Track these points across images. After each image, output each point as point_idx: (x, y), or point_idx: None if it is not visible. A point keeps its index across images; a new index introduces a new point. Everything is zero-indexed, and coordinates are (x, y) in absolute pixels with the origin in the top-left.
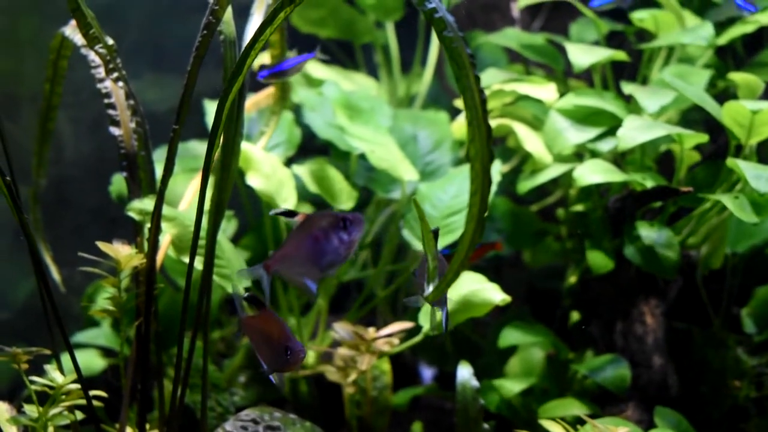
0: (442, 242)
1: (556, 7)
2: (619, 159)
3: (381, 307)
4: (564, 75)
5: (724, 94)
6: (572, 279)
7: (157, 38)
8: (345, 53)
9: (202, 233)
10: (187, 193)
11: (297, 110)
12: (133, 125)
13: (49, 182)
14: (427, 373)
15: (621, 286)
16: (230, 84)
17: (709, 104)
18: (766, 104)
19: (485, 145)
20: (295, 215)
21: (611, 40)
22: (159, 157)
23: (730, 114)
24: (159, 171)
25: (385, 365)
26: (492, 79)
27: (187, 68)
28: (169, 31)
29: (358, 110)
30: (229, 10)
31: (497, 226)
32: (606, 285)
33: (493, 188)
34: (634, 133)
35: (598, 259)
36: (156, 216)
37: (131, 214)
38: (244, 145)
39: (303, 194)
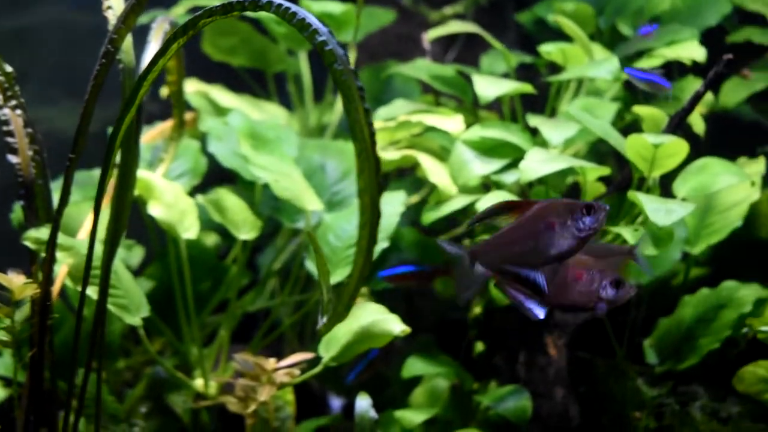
0: (342, 274)
1: (470, 39)
2: (526, 190)
3: (288, 336)
4: (474, 106)
5: (631, 126)
6: (477, 310)
7: (74, 65)
8: (258, 82)
9: (98, 263)
10: (86, 222)
11: (204, 139)
12: (30, 153)
13: None
14: (337, 403)
15: (525, 318)
16: (124, 112)
17: (613, 137)
18: (668, 138)
19: (374, 177)
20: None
21: (525, 72)
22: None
23: (633, 147)
24: None
25: (289, 396)
26: (399, 110)
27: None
28: (88, 57)
29: (264, 140)
30: (129, 38)
31: (404, 256)
32: (510, 316)
33: (396, 219)
34: (536, 165)
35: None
36: (50, 245)
37: (27, 243)
38: (147, 174)
39: (207, 223)
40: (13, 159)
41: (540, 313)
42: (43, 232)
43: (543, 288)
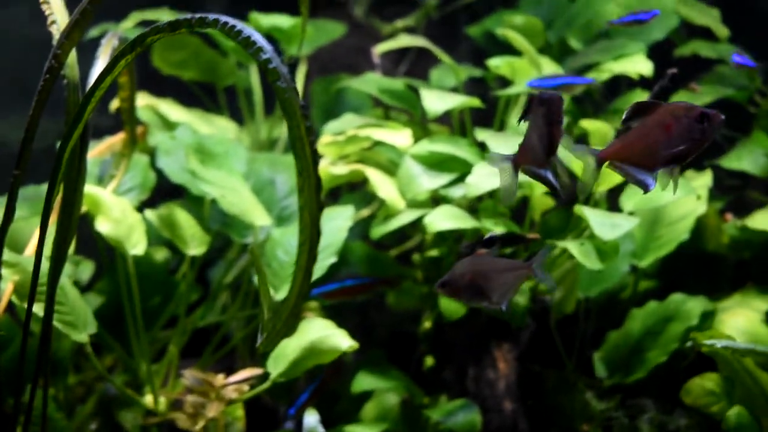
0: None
1: (421, 52)
2: (476, 204)
3: (240, 350)
4: (423, 120)
5: (580, 140)
6: (427, 324)
7: (25, 78)
8: (209, 96)
9: (45, 279)
10: (33, 238)
11: (153, 154)
12: None
13: None
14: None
15: (474, 332)
16: (71, 130)
17: (560, 152)
18: None
19: (314, 195)
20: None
21: (475, 86)
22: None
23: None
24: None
25: (239, 411)
26: (348, 124)
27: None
28: (39, 70)
29: (212, 155)
30: (74, 53)
31: (354, 270)
32: (459, 330)
33: (344, 234)
34: (482, 180)
35: (451, 306)
36: None
37: None
38: (94, 189)
39: (157, 238)
40: None
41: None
42: None
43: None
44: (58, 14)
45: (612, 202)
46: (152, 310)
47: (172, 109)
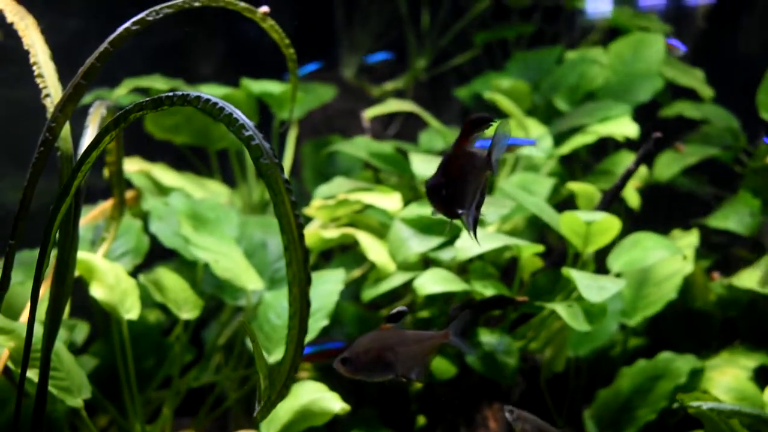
0: (283, 352)
1: (410, 114)
2: (466, 265)
3: (234, 410)
4: (413, 182)
5: (568, 200)
6: (418, 384)
7: (20, 139)
8: (201, 159)
9: (39, 345)
10: (29, 303)
11: (146, 218)
12: None
13: None
14: None
15: (464, 392)
16: (59, 201)
17: (547, 214)
18: (600, 215)
19: (302, 268)
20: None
21: None
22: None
23: (567, 224)
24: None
25: None
26: (339, 188)
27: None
28: (33, 131)
29: (204, 220)
30: (67, 125)
31: (345, 330)
32: (450, 390)
33: (335, 297)
34: (471, 244)
35: (442, 365)
36: None
37: None
38: (87, 256)
39: (148, 302)
40: None
41: None
42: None
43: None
44: (51, 88)
45: (600, 261)
46: (146, 371)
47: (164, 174)
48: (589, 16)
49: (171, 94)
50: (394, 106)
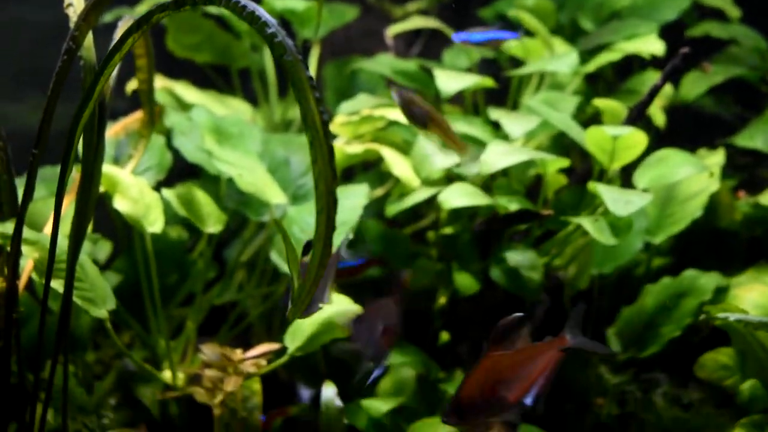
0: None
1: (434, 34)
2: (489, 182)
3: (256, 327)
4: (437, 100)
5: (593, 119)
6: (442, 300)
7: (42, 62)
8: (223, 78)
9: (64, 256)
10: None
11: (169, 134)
12: None
13: None
14: (306, 392)
15: (488, 307)
16: (82, 106)
17: (574, 130)
18: (627, 130)
19: (327, 164)
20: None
21: (488, 66)
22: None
23: (593, 139)
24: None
25: (256, 385)
26: (362, 104)
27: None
28: (54, 55)
29: (227, 135)
30: (90, 35)
31: (369, 248)
32: (474, 306)
33: (359, 211)
34: (496, 158)
35: (465, 281)
36: (15, 239)
37: None
38: (111, 169)
39: (171, 215)
40: None
41: None
42: (7, 227)
43: None
44: None
45: (625, 179)
46: (169, 287)
47: (187, 91)
48: None
49: None
50: (418, 22)
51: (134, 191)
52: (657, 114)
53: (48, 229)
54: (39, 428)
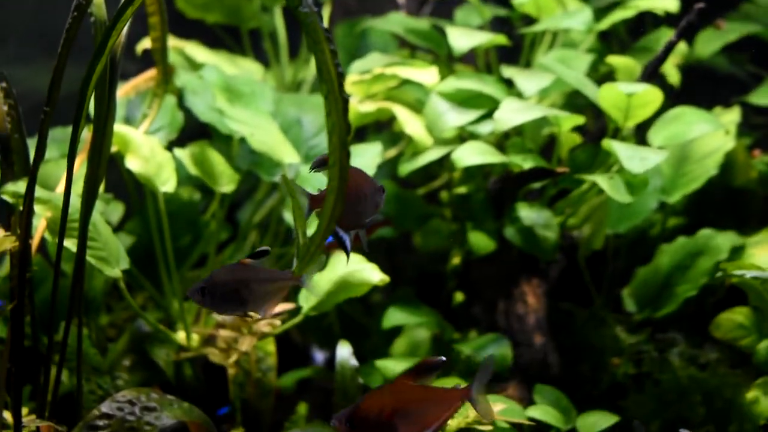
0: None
1: None
2: (503, 142)
3: None
4: (449, 59)
5: (606, 77)
6: (456, 260)
7: (50, 23)
8: (234, 38)
9: (76, 215)
10: (64, 177)
11: (180, 94)
12: (6, 108)
13: None
14: (319, 355)
15: (503, 267)
16: (94, 62)
17: (588, 87)
18: (641, 86)
19: (341, 117)
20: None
21: (500, 25)
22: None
23: (606, 97)
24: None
25: (270, 346)
26: (374, 63)
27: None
28: (64, 15)
29: (239, 94)
30: None
31: (382, 209)
32: (488, 266)
33: (372, 171)
34: (510, 115)
35: (480, 241)
36: (28, 199)
37: (4, 196)
38: (123, 128)
39: (184, 177)
40: None
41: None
42: (20, 186)
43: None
44: None
45: (640, 138)
46: (182, 249)
47: (198, 51)
48: None
49: None
50: None
51: (146, 150)
52: (671, 72)
53: (60, 189)
54: (53, 389)
